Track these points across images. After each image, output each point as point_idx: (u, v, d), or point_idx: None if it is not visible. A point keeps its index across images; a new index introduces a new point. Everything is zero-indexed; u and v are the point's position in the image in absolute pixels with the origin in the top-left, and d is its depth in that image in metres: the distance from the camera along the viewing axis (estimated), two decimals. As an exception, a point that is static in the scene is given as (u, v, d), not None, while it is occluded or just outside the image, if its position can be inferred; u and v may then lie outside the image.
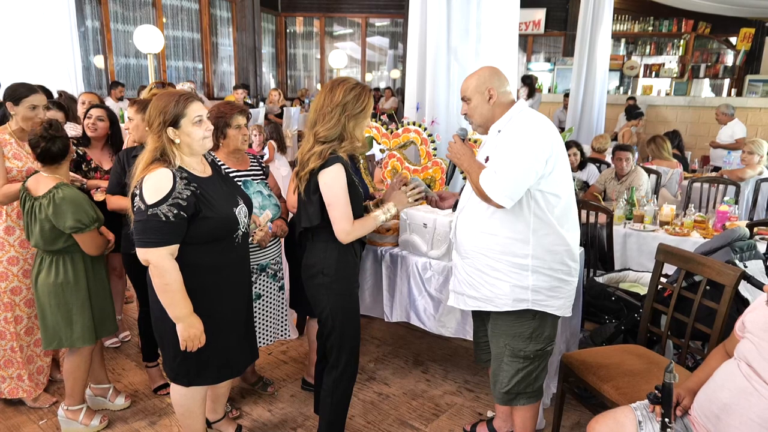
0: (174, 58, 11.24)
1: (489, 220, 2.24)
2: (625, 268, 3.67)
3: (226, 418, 2.76)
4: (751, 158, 5.22)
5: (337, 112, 2.25)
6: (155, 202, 1.99)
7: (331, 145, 2.26)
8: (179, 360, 2.23)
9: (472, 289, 2.34)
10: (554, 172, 2.17)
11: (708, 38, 11.86)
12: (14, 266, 2.82)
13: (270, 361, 3.54)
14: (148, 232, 2.01)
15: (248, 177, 2.79)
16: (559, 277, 2.26)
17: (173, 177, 2.04)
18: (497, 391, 2.42)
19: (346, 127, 2.28)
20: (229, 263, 2.25)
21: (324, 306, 2.37)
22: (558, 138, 2.21)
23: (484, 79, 2.30)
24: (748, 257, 2.84)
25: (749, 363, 1.73)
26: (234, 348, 2.35)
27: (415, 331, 3.77)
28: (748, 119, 8.02)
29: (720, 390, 1.80)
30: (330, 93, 2.28)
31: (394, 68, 14.62)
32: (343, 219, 2.24)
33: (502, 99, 2.29)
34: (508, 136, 2.20)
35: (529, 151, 2.13)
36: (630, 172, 4.78)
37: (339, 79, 2.35)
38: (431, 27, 3.83)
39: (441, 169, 3.53)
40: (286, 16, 14.29)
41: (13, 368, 2.92)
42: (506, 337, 2.34)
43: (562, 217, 2.23)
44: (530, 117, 2.23)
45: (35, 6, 5.54)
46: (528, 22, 12.58)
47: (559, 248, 2.23)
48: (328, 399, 2.48)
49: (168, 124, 2.06)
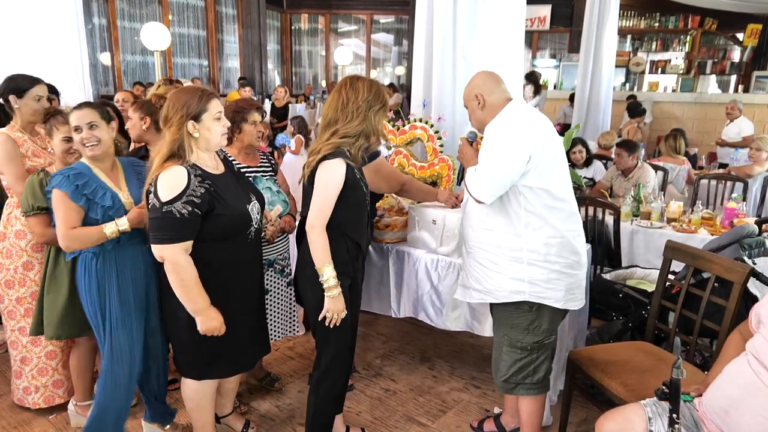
0: (180, 55, 11.27)
1: (486, 216, 2.33)
2: (633, 265, 3.66)
3: (235, 413, 2.77)
4: (758, 155, 5.20)
5: (363, 108, 2.26)
6: (170, 200, 2.01)
7: (348, 140, 2.26)
8: (191, 354, 2.26)
9: (477, 283, 2.42)
10: (540, 167, 2.21)
11: (715, 34, 11.78)
12: (30, 271, 2.74)
13: (277, 357, 3.56)
14: (163, 229, 2.03)
15: (258, 173, 2.80)
16: (558, 270, 2.30)
17: (188, 174, 2.06)
18: (497, 379, 2.52)
19: (371, 123, 2.30)
20: (242, 259, 2.27)
21: (309, 300, 2.36)
22: (544, 134, 2.26)
23: (474, 85, 2.38)
24: (757, 254, 2.84)
25: (759, 359, 1.73)
26: (245, 342, 2.37)
27: (422, 328, 3.78)
28: (755, 116, 7.98)
29: (729, 385, 1.80)
30: (353, 90, 2.27)
31: (399, 65, 14.59)
32: (317, 213, 2.22)
33: (493, 102, 2.34)
34: (491, 135, 2.28)
35: (507, 149, 2.20)
36: (636, 168, 4.76)
37: (354, 76, 2.35)
38: (438, 23, 3.83)
39: (447, 165, 3.52)
40: (291, 13, 14.28)
41: (47, 376, 2.86)
42: (505, 327, 2.42)
43: (555, 210, 2.27)
44: (513, 116, 2.28)
45: (42, 3, 5.55)
46: (533, 18, 12.51)
47: (554, 240, 2.27)
48: (311, 398, 2.47)
49: (190, 117, 2.08)
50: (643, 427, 1.87)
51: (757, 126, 7.72)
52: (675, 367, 1.70)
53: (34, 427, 2.84)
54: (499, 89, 2.37)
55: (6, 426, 2.83)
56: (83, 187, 2.26)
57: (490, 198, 2.22)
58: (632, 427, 1.89)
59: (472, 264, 2.43)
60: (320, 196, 2.22)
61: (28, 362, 2.84)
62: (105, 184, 2.33)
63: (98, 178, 2.34)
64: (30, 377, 2.85)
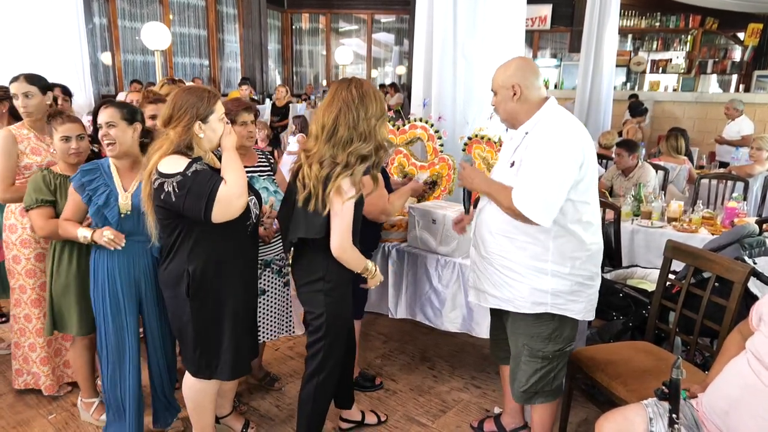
0: (181, 54, 11.27)
1: (507, 225, 2.18)
2: (633, 264, 3.65)
3: (234, 414, 2.77)
4: (759, 154, 5.19)
5: (372, 125, 2.14)
6: (185, 166, 2.02)
7: (366, 161, 2.14)
8: (199, 354, 2.27)
9: (493, 288, 2.29)
10: (585, 178, 2.09)
11: (715, 34, 11.77)
12: (40, 262, 2.83)
13: (277, 357, 3.55)
14: (201, 185, 2.00)
15: (255, 173, 2.79)
16: (580, 282, 2.21)
17: (188, 160, 2.07)
18: (515, 390, 2.40)
19: (377, 137, 2.17)
20: (242, 254, 2.28)
21: (320, 313, 2.31)
22: (588, 140, 2.12)
23: (510, 73, 2.16)
24: (758, 254, 2.83)
25: (760, 358, 1.73)
26: (248, 339, 2.40)
27: (422, 328, 3.77)
28: (756, 115, 7.97)
29: (729, 386, 1.80)
30: (362, 106, 2.12)
31: (400, 64, 14.59)
32: (345, 235, 2.14)
33: (530, 96, 2.15)
34: (536, 143, 2.09)
35: (560, 161, 2.03)
36: (637, 168, 4.76)
37: (355, 82, 2.17)
38: (438, 23, 3.83)
39: (447, 165, 3.52)
40: (291, 12, 14.29)
41: (48, 365, 2.98)
42: (525, 338, 2.30)
43: (587, 224, 2.16)
44: (559, 120, 2.12)
45: (43, 3, 5.56)
46: (534, 18, 12.51)
47: (581, 254, 2.17)
48: (309, 406, 2.41)
49: (198, 118, 2.08)
50: (644, 427, 1.86)
51: (758, 125, 7.71)
52: (675, 367, 1.70)
53: (34, 427, 2.84)
54: (538, 83, 2.17)
55: (5, 426, 2.83)
56: (88, 183, 2.34)
57: (550, 219, 2.05)
58: (632, 428, 1.88)
59: (488, 269, 2.29)
60: (344, 218, 2.13)
61: (33, 348, 2.96)
62: (111, 183, 2.36)
63: (110, 175, 2.38)
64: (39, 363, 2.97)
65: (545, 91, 2.22)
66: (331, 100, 2.16)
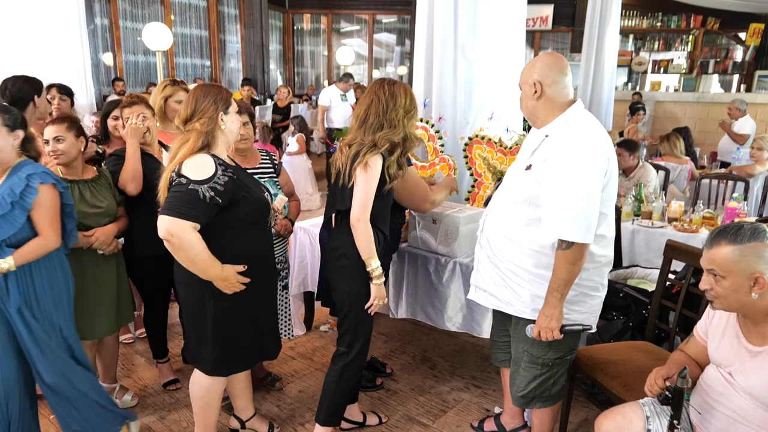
0: (182, 55, 11.28)
1: (515, 229, 2.16)
2: (633, 264, 3.65)
3: (258, 416, 2.76)
4: (760, 154, 5.19)
5: (401, 116, 2.29)
6: (199, 180, 2.03)
7: (394, 149, 2.30)
8: (218, 351, 2.28)
9: (496, 289, 2.28)
10: (607, 188, 2.03)
11: (717, 34, 11.77)
12: None
13: (278, 357, 3.54)
14: (181, 202, 2.01)
15: (257, 174, 2.80)
16: (584, 292, 2.18)
17: (215, 163, 2.09)
18: (514, 394, 2.40)
19: (407, 130, 2.32)
20: (265, 250, 2.35)
21: (342, 289, 2.40)
22: (611, 147, 2.05)
23: (534, 70, 2.08)
24: (757, 254, 2.83)
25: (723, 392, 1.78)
26: (267, 331, 2.45)
27: (423, 327, 3.78)
28: (757, 115, 7.96)
29: (706, 395, 1.84)
30: (392, 98, 2.29)
31: (401, 65, 14.60)
32: (363, 207, 2.25)
33: (553, 96, 2.07)
34: (557, 155, 2.00)
35: (586, 172, 1.96)
36: (638, 168, 4.76)
37: (389, 80, 2.36)
38: (438, 23, 3.83)
39: (448, 165, 3.53)
40: (293, 13, 14.30)
41: None
42: (525, 343, 2.27)
43: (600, 237, 2.08)
44: (581, 128, 2.04)
45: (45, 4, 5.57)
46: (535, 18, 12.52)
47: (589, 266, 2.10)
48: (334, 385, 2.48)
49: (221, 110, 2.14)
50: (642, 425, 1.88)
51: (760, 125, 7.70)
52: (681, 377, 1.71)
53: (36, 426, 2.84)
54: (563, 82, 2.08)
55: (8, 425, 2.84)
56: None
57: (591, 235, 1.96)
58: (631, 426, 1.90)
59: (492, 270, 2.28)
60: (363, 190, 2.24)
61: None
62: None
63: None
64: None
65: (572, 92, 2.13)
66: (366, 94, 2.37)
